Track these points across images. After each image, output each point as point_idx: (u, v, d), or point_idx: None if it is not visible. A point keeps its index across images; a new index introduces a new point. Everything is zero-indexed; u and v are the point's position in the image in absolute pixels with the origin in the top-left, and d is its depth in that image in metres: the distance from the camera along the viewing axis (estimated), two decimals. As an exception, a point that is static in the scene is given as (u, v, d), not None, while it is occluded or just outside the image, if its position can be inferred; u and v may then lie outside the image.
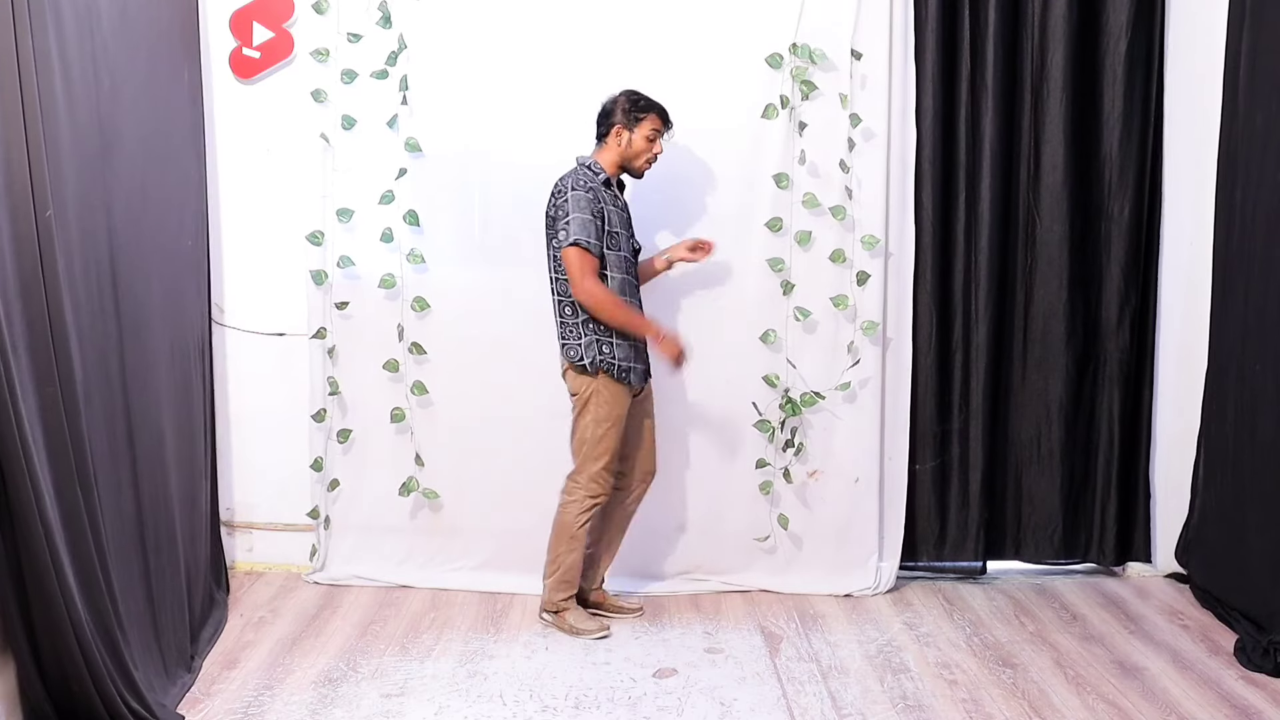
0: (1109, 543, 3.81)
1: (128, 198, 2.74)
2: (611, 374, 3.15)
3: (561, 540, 3.24)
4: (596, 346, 3.14)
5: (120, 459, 2.64)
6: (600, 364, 3.14)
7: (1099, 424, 3.78)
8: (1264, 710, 2.76)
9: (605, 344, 3.15)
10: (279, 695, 2.82)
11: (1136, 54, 3.64)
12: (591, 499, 3.21)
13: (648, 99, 3.20)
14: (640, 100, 3.19)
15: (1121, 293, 3.72)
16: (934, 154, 3.62)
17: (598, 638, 3.23)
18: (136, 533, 2.71)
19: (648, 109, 3.18)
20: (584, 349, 3.14)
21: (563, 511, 3.25)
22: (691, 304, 3.61)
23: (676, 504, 3.61)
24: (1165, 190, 3.72)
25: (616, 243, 3.16)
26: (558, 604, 3.28)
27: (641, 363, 3.24)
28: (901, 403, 3.66)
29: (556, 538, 3.26)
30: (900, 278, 3.61)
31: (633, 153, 3.19)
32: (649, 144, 3.18)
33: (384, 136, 3.55)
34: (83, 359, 2.43)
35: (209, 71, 3.53)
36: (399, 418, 3.61)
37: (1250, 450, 3.23)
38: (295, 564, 3.75)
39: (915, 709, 2.79)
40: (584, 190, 3.09)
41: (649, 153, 3.20)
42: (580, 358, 3.14)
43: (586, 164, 3.19)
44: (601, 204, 3.11)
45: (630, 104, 3.18)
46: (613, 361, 3.15)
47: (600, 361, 3.14)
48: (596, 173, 3.17)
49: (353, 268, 3.59)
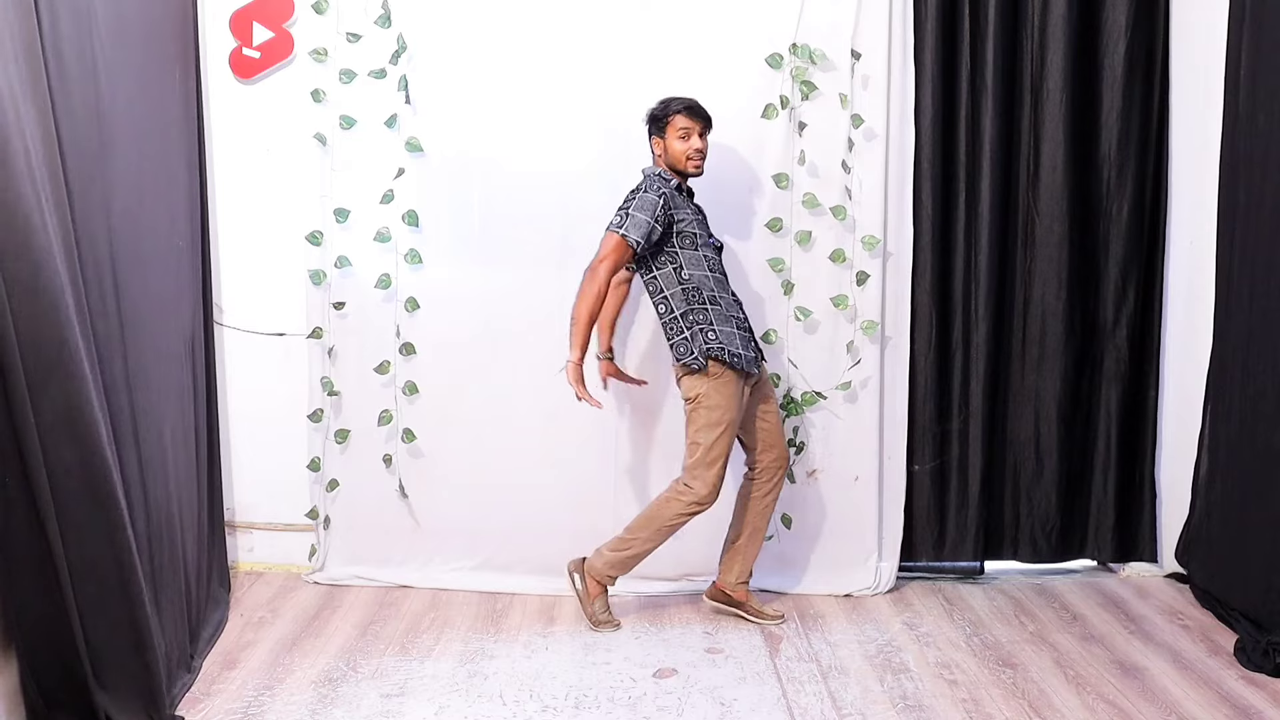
0: (1107, 542, 3.81)
1: (124, 198, 2.74)
2: (722, 359, 3.11)
3: (647, 527, 3.22)
4: (702, 336, 3.13)
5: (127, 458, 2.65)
6: (710, 352, 3.11)
7: (1097, 424, 3.79)
8: (1264, 710, 2.76)
9: (709, 331, 3.13)
10: (279, 695, 2.82)
11: (1136, 54, 3.65)
12: (698, 504, 3.18)
13: (666, 101, 3.22)
14: (660, 105, 3.22)
15: (1120, 292, 3.73)
16: (933, 154, 3.62)
17: (607, 631, 3.25)
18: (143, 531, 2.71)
19: (667, 110, 3.20)
20: (689, 343, 3.14)
21: (664, 503, 3.21)
22: (691, 304, 3.61)
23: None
24: (1168, 190, 3.72)
25: (693, 243, 3.19)
26: (601, 576, 3.27)
27: (751, 349, 3.22)
28: (901, 402, 3.66)
29: (644, 523, 3.23)
30: (900, 277, 3.61)
31: (674, 156, 3.20)
32: (685, 142, 3.19)
33: (383, 136, 3.55)
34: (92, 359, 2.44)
35: (209, 71, 3.53)
36: (386, 420, 3.60)
37: (1251, 450, 3.23)
38: (295, 564, 3.75)
39: (915, 709, 2.79)
40: (655, 193, 3.13)
41: (688, 150, 3.19)
42: (688, 352, 3.13)
43: (656, 172, 3.21)
44: (672, 209, 3.15)
45: (653, 113, 3.23)
46: (721, 346, 3.12)
47: (709, 350, 3.11)
48: (668, 179, 3.19)
49: (350, 268, 3.59)
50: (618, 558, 3.25)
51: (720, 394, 3.14)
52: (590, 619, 3.29)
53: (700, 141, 3.20)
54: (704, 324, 3.14)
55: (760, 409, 3.31)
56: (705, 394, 3.14)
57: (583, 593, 3.29)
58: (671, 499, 3.20)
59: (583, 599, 3.29)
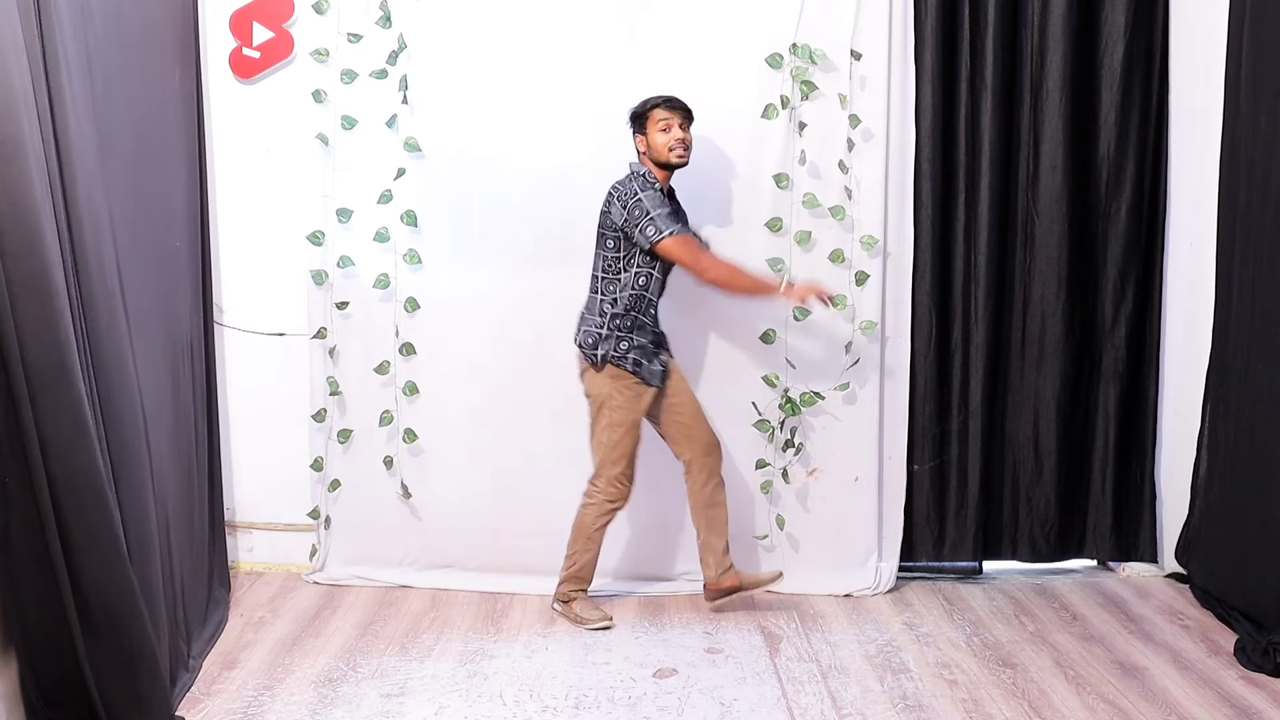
0: (1106, 542, 3.81)
1: (124, 198, 2.74)
2: (623, 367, 3.19)
3: (579, 540, 3.34)
4: (615, 342, 3.19)
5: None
6: (610, 360, 3.18)
7: (1097, 423, 3.79)
8: (1264, 710, 2.76)
9: (624, 340, 3.20)
10: (279, 695, 2.82)
11: (1136, 55, 3.65)
12: (610, 503, 3.29)
13: (644, 100, 3.24)
14: (639, 104, 3.24)
15: (1119, 292, 3.73)
16: (933, 154, 3.62)
17: (598, 627, 3.27)
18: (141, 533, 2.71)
19: (645, 106, 3.22)
20: (602, 340, 3.19)
21: (582, 513, 3.33)
22: (692, 304, 3.60)
23: (677, 504, 3.60)
24: (1168, 191, 3.72)
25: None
26: (567, 594, 3.37)
27: (658, 362, 3.26)
28: (900, 402, 3.66)
29: (574, 536, 3.35)
30: (899, 277, 3.61)
31: (657, 149, 3.21)
32: (666, 134, 3.20)
33: (384, 136, 3.55)
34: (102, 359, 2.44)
35: (209, 71, 3.53)
36: (386, 420, 3.60)
37: (1251, 450, 3.23)
38: (295, 564, 3.75)
39: (915, 709, 2.79)
40: (653, 189, 3.17)
41: (670, 140, 3.20)
42: (594, 347, 3.20)
43: (640, 172, 3.23)
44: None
45: (634, 112, 3.25)
46: (626, 357, 3.19)
47: (613, 358, 3.18)
48: (652, 180, 3.22)
49: (353, 268, 3.59)
50: (570, 574, 3.37)
51: (623, 395, 3.21)
52: (581, 626, 3.31)
53: (681, 132, 3.21)
54: (626, 331, 3.20)
55: (670, 403, 3.33)
56: (609, 395, 3.22)
57: (566, 613, 3.38)
58: (587, 505, 3.32)
59: (572, 621, 3.35)
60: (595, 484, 3.31)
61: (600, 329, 3.21)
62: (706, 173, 3.55)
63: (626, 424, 3.24)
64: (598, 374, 3.23)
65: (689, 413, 3.35)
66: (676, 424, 3.34)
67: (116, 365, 2.57)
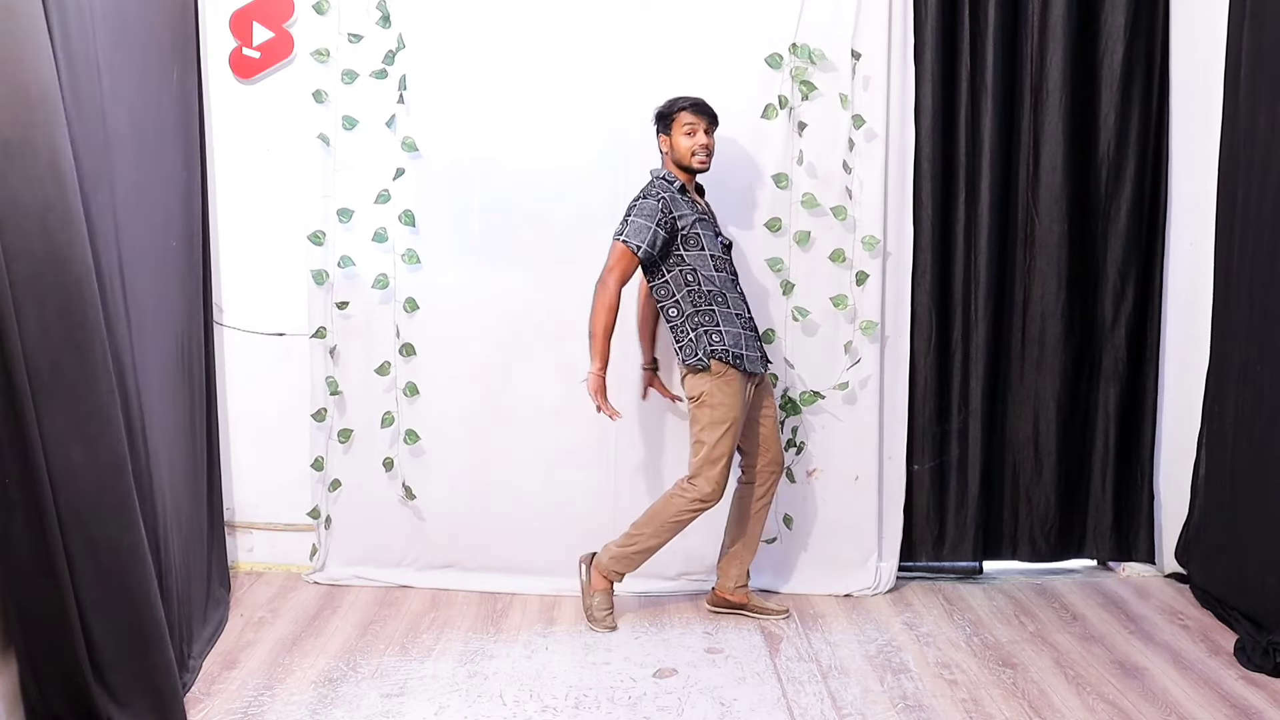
0: (1106, 542, 3.82)
1: (125, 198, 2.74)
2: (725, 360, 3.14)
3: (651, 524, 3.24)
4: (707, 337, 3.16)
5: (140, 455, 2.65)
6: (714, 353, 3.14)
7: (1096, 424, 3.79)
8: (1264, 710, 2.76)
9: (714, 333, 3.16)
10: (279, 695, 2.82)
11: (1136, 55, 3.65)
12: (702, 502, 3.19)
13: (671, 99, 3.24)
14: (665, 104, 3.24)
15: (1119, 292, 3.73)
16: (933, 154, 3.62)
17: (600, 630, 3.26)
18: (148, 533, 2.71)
19: (672, 108, 3.22)
20: (695, 344, 3.16)
21: (668, 500, 3.24)
22: (691, 304, 3.62)
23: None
24: (1168, 191, 3.72)
25: (698, 244, 3.18)
26: (607, 572, 3.29)
27: (755, 349, 3.23)
28: (900, 402, 3.66)
29: (648, 519, 3.25)
30: (899, 277, 3.61)
31: (680, 152, 3.20)
32: (690, 138, 3.19)
33: (385, 136, 3.55)
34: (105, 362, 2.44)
35: (209, 71, 3.53)
36: (388, 421, 3.60)
37: (1250, 450, 3.23)
38: (295, 564, 3.75)
39: (915, 709, 2.79)
40: (654, 199, 3.14)
41: (693, 146, 3.19)
42: (694, 354, 3.16)
43: (660, 175, 3.22)
44: (673, 213, 3.15)
45: (660, 111, 3.24)
46: (725, 347, 3.15)
47: (713, 350, 3.14)
48: (671, 181, 3.20)
49: (353, 268, 3.59)
50: (623, 553, 3.27)
51: (724, 393, 3.15)
52: (587, 612, 3.30)
53: (705, 138, 3.21)
54: (709, 325, 3.16)
55: (760, 413, 3.32)
56: (709, 392, 3.15)
57: (585, 584, 3.32)
58: (675, 496, 3.22)
59: (584, 589, 3.31)
60: (692, 482, 3.19)
61: (686, 337, 3.18)
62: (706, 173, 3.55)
63: (729, 421, 3.16)
64: (694, 374, 3.18)
65: (770, 425, 3.34)
66: (760, 433, 3.32)
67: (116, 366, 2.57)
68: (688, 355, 3.18)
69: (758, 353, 3.24)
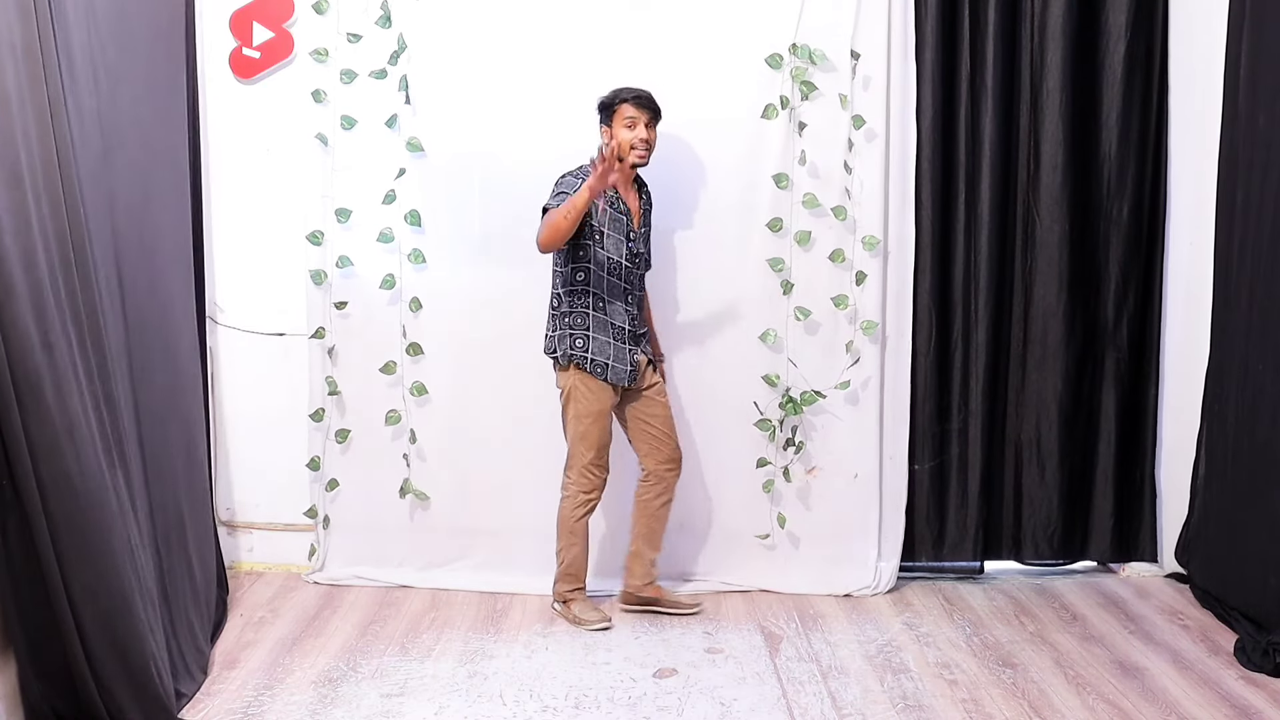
0: (1107, 542, 3.81)
1: (123, 198, 2.74)
2: (584, 368, 3.19)
3: (561, 535, 3.34)
4: (569, 340, 3.20)
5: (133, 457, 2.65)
6: (572, 358, 3.19)
7: (1097, 424, 3.79)
8: (1264, 710, 2.76)
9: (578, 338, 3.19)
10: (279, 695, 2.82)
11: (1136, 54, 3.65)
12: (583, 494, 3.29)
13: (616, 90, 3.21)
14: (609, 94, 3.21)
15: (1120, 292, 3.73)
16: (933, 154, 3.62)
17: (597, 628, 3.27)
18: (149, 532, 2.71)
19: (615, 99, 3.19)
20: (556, 341, 3.23)
21: (560, 507, 3.34)
22: (692, 304, 3.61)
23: (677, 503, 3.59)
24: (1168, 191, 3.72)
25: (602, 242, 3.18)
26: (563, 594, 3.36)
27: (624, 361, 3.23)
28: (901, 402, 3.66)
29: (559, 533, 3.35)
30: (900, 277, 3.61)
31: (619, 146, 3.17)
32: (630, 131, 3.18)
33: (384, 136, 3.55)
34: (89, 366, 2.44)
35: (209, 71, 3.53)
36: (394, 420, 3.60)
37: (1250, 450, 3.23)
38: (295, 564, 3.75)
39: (915, 709, 2.79)
40: (575, 176, 3.17)
41: (633, 139, 3.17)
42: (553, 349, 3.25)
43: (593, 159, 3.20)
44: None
45: (603, 101, 3.22)
46: (585, 355, 3.19)
47: (571, 355, 3.19)
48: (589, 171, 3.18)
49: (352, 268, 3.59)
50: (560, 572, 3.37)
51: (585, 390, 3.22)
52: (581, 627, 3.30)
53: (646, 132, 3.18)
54: (577, 329, 3.20)
55: (644, 412, 3.33)
56: (572, 389, 3.23)
57: (565, 614, 3.37)
58: (564, 500, 3.33)
59: (567, 618, 3.36)
60: (568, 475, 3.30)
61: (555, 332, 3.25)
62: (707, 172, 3.56)
63: (593, 414, 3.23)
64: (559, 371, 3.27)
65: (660, 426, 3.35)
66: (645, 434, 3.35)
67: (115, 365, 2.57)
68: (548, 348, 3.27)
69: (627, 365, 3.23)
